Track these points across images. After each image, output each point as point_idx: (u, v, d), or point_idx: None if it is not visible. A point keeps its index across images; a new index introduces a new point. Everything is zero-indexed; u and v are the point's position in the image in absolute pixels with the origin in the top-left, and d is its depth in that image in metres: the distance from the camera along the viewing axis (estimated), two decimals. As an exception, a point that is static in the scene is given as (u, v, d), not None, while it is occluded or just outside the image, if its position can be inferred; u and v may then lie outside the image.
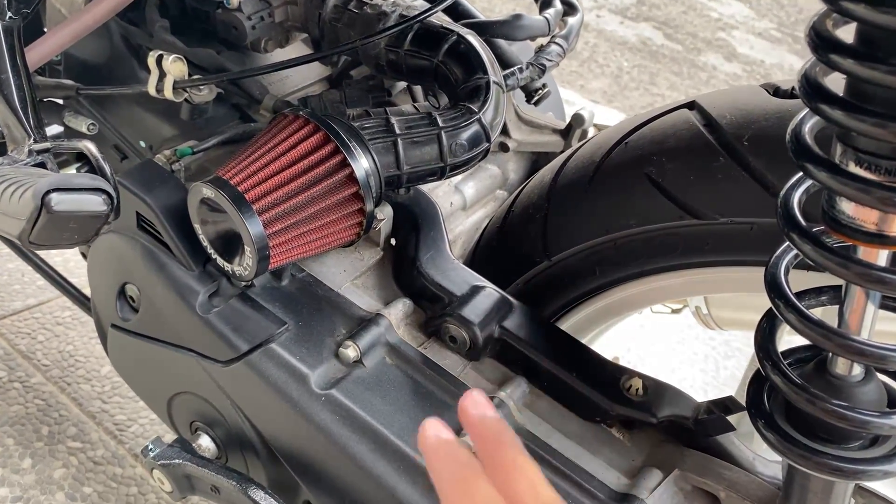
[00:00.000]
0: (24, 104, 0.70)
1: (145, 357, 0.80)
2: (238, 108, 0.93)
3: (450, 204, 1.01)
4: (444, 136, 0.76)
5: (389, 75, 0.89)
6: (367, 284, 0.79)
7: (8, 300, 1.45)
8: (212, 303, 0.74)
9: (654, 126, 0.71)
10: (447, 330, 0.72)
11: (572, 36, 0.99)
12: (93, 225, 0.57)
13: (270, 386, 0.70)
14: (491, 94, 0.79)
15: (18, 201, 0.55)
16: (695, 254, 0.68)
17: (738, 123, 0.65)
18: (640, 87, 3.49)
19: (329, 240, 0.73)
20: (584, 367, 0.70)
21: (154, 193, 0.74)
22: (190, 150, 0.81)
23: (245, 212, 0.67)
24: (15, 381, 1.29)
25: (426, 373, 0.71)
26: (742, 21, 4.59)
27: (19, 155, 0.68)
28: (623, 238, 0.71)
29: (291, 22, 0.92)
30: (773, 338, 0.56)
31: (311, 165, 0.70)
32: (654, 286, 0.74)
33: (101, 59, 0.98)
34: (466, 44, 0.82)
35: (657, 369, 1.86)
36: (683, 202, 0.66)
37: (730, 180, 0.63)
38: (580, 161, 0.75)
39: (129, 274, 0.78)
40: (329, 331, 0.73)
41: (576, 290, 0.77)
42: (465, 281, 0.75)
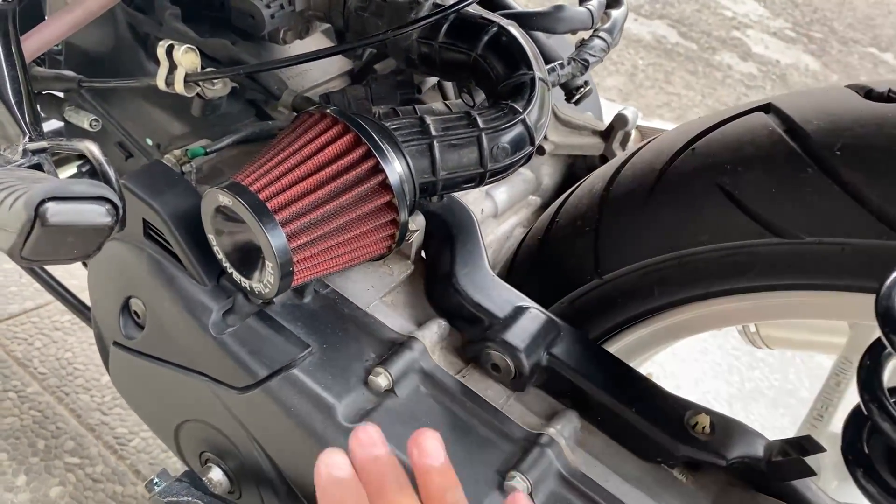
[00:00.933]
0: (19, 98, 0.62)
1: (151, 379, 0.72)
2: (254, 104, 0.86)
3: (480, 211, 0.93)
4: (484, 139, 0.68)
5: (421, 70, 0.82)
6: (398, 302, 0.71)
7: (4, 303, 1.37)
8: (226, 322, 0.66)
9: (726, 131, 0.63)
10: (489, 357, 0.65)
11: (616, 30, 0.92)
12: (95, 238, 0.50)
13: (292, 417, 0.62)
14: (536, 93, 0.71)
15: (9, 211, 0.48)
16: (772, 276, 0.60)
17: (828, 130, 0.57)
18: (656, 85, 3.41)
19: (358, 253, 0.66)
20: (644, 400, 0.62)
21: (163, 198, 0.66)
22: (202, 150, 0.73)
23: (267, 222, 0.59)
24: (10, 391, 1.22)
25: (465, 405, 0.63)
26: (756, 20, 4.51)
27: (13, 155, 0.60)
28: (689, 256, 0.63)
29: (313, 11, 0.84)
30: (881, 375, 0.49)
31: (341, 171, 0.62)
32: (719, 309, 0.66)
33: (106, 48, 0.90)
34: (509, 36, 0.74)
35: (680, 381, 1.79)
36: (764, 218, 0.58)
37: (820, 195, 0.56)
38: (638, 168, 0.68)
39: (134, 287, 0.71)
40: (357, 355, 0.65)
41: (629, 312, 0.70)
42: (507, 301, 0.68)
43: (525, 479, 0.58)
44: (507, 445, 0.61)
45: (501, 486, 0.59)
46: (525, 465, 0.59)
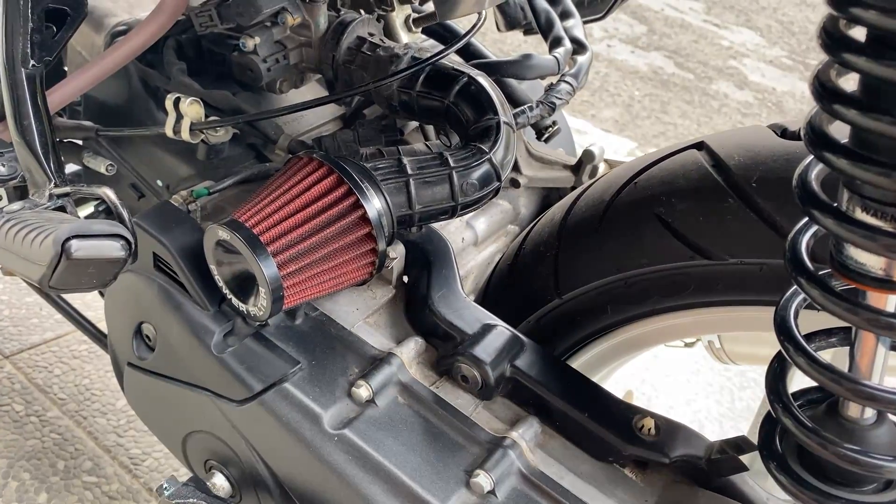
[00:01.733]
0: (46, 149, 0.71)
1: (161, 395, 0.81)
2: (253, 148, 0.95)
3: (461, 240, 1.02)
4: (455, 176, 0.77)
5: (402, 115, 0.91)
6: (380, 323, 0.80)
7: (26, 334, 1.46)
8: (227, 342, 0.75)
9: (664, 166, 0.71)
10: (459, 369, 0.73)
11: (582, 74, 1.01)
12: (111, 269, 0.59)
13: (284, 425, 0.70)
14: (501, 135, 0.80)
15: (39, 247, 0.57)
16: (706, 293, 0.68)
17: (747, 165, 0.65)
18: (652, 115, 3.51)
19: (342, 279, 0.74)
20: (597, 406, 0.70)
21: (170, 234, 0.75)
22: (206, 190, 0.82)
23: (260, 254, 0.68)
24: (31, 415, 1.30)
25: (438, 412, 0.71)
26: (753, 49, 4.61)
27: (40, 199, 0.70)
28: (634, 277, 0.71)
29: (306, 64, 0.94)
30: (784, 379, 0.57)
31: (325, 207, 0.71)
32: (666, 324, 0.74)
33: (120, 100, 1.00)
34: (477, 85, 0.83)
35: (672, 401, 1.85)
36: (694, 242, 0.66)
37: (739, 221, 0.64)
38: (590, 200, 0.76)
39: (145, 313, 0.79)
40: (342, 370, 0.73)
41: (587, 329, 0.78)
42: (476, 319, 0.76)
43: (489, 476, 0.66)
44: (474, 447, 0.69)
45: (468, 483, 0.66)
46: (489, 464, 0.66)
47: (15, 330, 1.46)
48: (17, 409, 1.31)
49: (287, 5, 0.89)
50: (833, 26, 0.42)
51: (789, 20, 5.20)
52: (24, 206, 0.68)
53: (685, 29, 4.58)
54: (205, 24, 0.91)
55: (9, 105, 0.72)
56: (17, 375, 1.37)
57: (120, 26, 1.02)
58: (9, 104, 0.72)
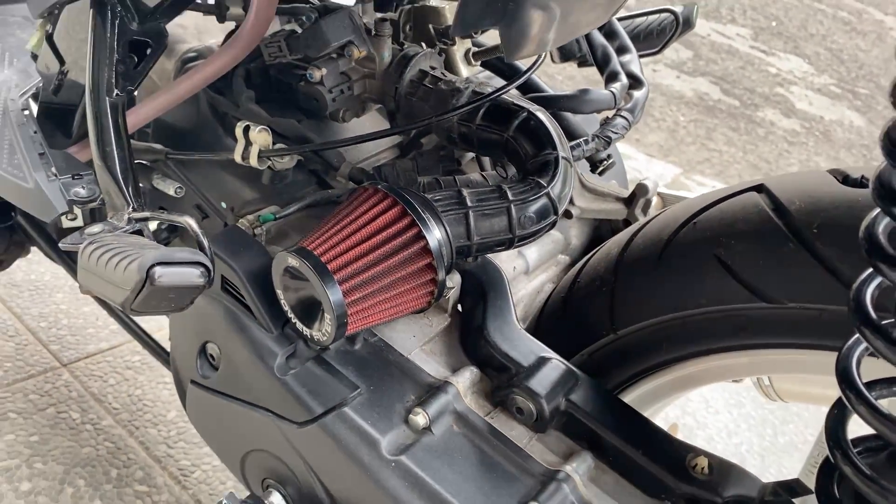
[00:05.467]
0: (126, 174, 0.75)
1: (222, 414, 0.83)
2: (315, 174, 0.98)
3: (513, 268, 1.03)
4: (513, 209, 0.79)
5: (460, 147, 0.93)
6: (436, 350, 0.81)
7: (83, 343, 1.51)
8: (289, 365, 0.77)
9: (723, 207, 0.72)
10: (514, 401, 0.74)
11: (638, 109, 1.02)
12: (189, 295, 0.61)
13: (342, 449, 0.72)
14: (560, 170, 0.82)
15: (123, 272, 0.60)
16: (763, 335, 0.69)
17: (808, 210, 0.66)
18: (697, 141, 3.49)
19: (402, 307, 0.76)
20: (650, 443, 0.71)
21: (239, 258, 0.78)
22: (272, 216, 0.85)
23: (327, 281, 0.70)
24: (87, 423, 1.34)
25: (493, 443, 0.72)
26: (800, 76, 4.57)
27: (118, 222, 0.73)
28: (691, 316, 0.72)
29: (368, 94, 0.97)
30: (844, 426, 0.57)
31: (389, 237, 0.73)
32: (720, 364, 0.75)
33: (188, 124, 1.04)
34: (536, 120, 0.85)
35: (713, 433, 1.83)
36: (753, 285, 0.67)
37: (799, 266, 0.65)
38: (648, 237, 0.77)
39: (210, 333, 0.82)
40: (399, 396, 0.75)
41: (641, 364, 0.78)
42: (531, 352, 0.77)
43: (543, 509, 0.67)
44: (528, 480, 0.70)
45: (522, 515, 0.67)
46: (543, 497, 0.68)
47: (73, 339, 1.51)
48: (74, 417, 1.35)
49: (354, 38, 0.92)
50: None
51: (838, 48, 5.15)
52: (104, 228, 0.72)
53: (732, 55, 4.56)
54: (274, 54, 0.94)
55: (93, 132, 0.76)
56: (75, 384, 1.41)
57: (190, 52, 1.07)
58: (93, 131, 0.76)
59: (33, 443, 1.28)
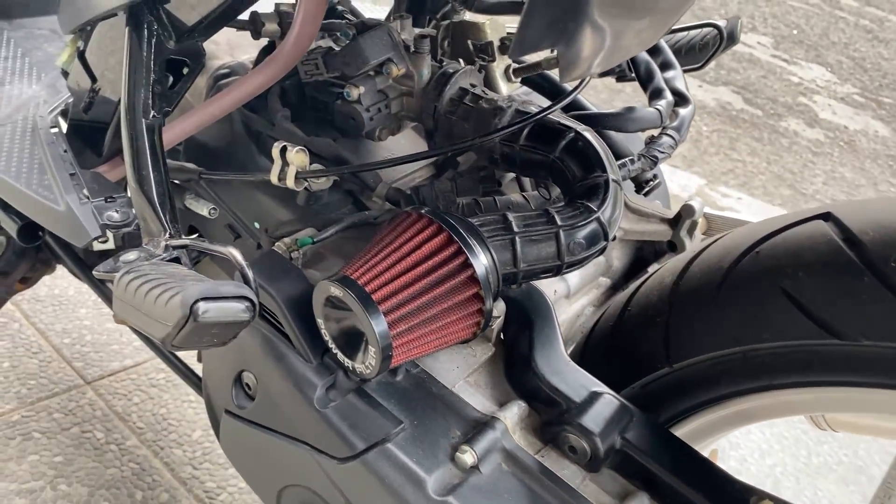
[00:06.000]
0: (163, 199, 0.72)
1: (258, 446, 0.80)
2: (351, 194, 0.95)
3: (553, 292, 1.00)
4: (562, 235, 0.76)
5: (502, 167, 0.90)
6: (480, 382, 0.78)
7: (107, 360, 1.49)
8: (329, 396, 0.74)
9: (787, 236, 0.69)
10: (566, 439, 0.71)
11: (684, 128, 0.99)
12: (234, 330, 0.59)
13: (387, 488, 0.69)
14: (610, 193, 0.78)
15: (165, 306, 0.57)
16: (831, 373, 0.65)
17: (884, 241, 0.62)
18: (720, 151, 3.45)
19: (448, 338, 0.73)
20: (710, 484, 0.67)
21: (278, 285, 0.75)
22: (310, 240, 0.82)
23: (372, 312, 0.67)
24: (111, 444, 1.32)
25: (544, 483, 0.69)
26: (823, 85, 4.51)
27: (155, 248, 0.70)
28: (754, 351, 0.68)
29: (406, 113, 0.94)
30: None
31: (435, 266, 0.70)
32: (782, 400, 0.71)
33: (221, 142, 1.01)
34: (584, 141, 0.82)
35: (746, 454, 1.79)
36: (823, 321, 0.63)
37: (876, 302, 0.61)
38: (706, 265, 0.74)
39: (247, 361, 0.79)
40: (444, 432, 0.72)
41: (696, 399, 0.75)
42: (582, 385, 0.74)
43: (599, 555, 0.63)
44: (582, 522, 0.66)
45: (577, 560, 0.64)
46: (599, 541, 0.64)
47: (97, 356, 1.49)
48: (98, 437, 1.32)
49: (393, 56, 0.89)
50: None
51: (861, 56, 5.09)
52: (139, 255, 0.69)
53: (753, 64, 4.51)
54: (310, 72, 0.92)
55: (129, 155, 0.73)
56: (99, 402, 1.39)
57: (223, 69, 1.04)
58: (129, 154, 0.73)
59: (57, 463, 1.26)
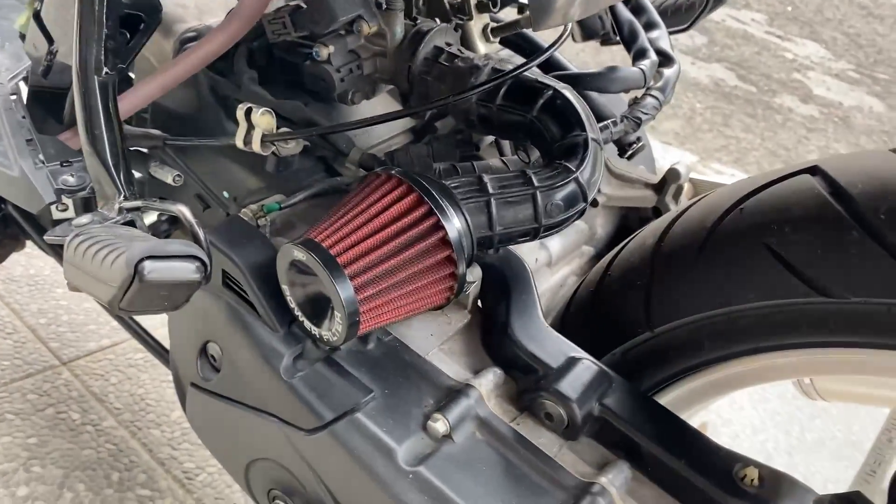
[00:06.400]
0: (117, 160, 0.69)
1: (225, 419, 0.77)
2: (323, 161, 0.91)
3: (535, 260, 0.97)
4: (539, 196, 0.72)
5: (479, 130, 0.86)
6: (455, 350, 0.75)
7: (84, 340, 1.46)
8: (296, 366, 0.71)
9: (773, 192, 0.65)
10: (542, 406, 0.68)
11: (669, 88, 0.95)
12: (184, 292, 0.55)
13: (355, 458, 0.66)
14: (589, 153, 0.75)
15: (111, 266, 0.53)
16: (821, 333, 0.62)
17: (873, 194, 0.59)
18: (714, 128, 3.41)
19: (419, 304, 0.70)
20: (694, 452, 0.64)
21: (242, 252, 0.72)
22: (277, 205, 0.79)
23: (337, 276, 0.64)
24: (87, 424, 1.29)
25: (520, 452, 0.66)
26: (818, 62, 4.47)
27: (109, 212, 0.67)
28: (738, 312, 0.65)
29: (380, 74, 0.90)
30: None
31: (405, 228, 0.67)
32: (768, 364, 0.68)
33: (188, 108, 0.97)
34: (563, 99, 0.78)
35: (738, 430, 1.77)
36: (811, 278, 0.60)
37: (865, 257, 0.58)
38: (688, 225, 0.70)
39: (211, 332, 0.76)
40: (416, 401, 0.69)
41: (679, 365, 0.72)
42: (560, 351, 0.71)
43: (577, 526, 0.60)
44: (559, 493, 0.63)
45: (554, 532, 0.61)
46: (577, 512, 0.61)
47: (73, 336, 1.46)
48: (74, 418, 1.29)
49: (363, 13, 0.85)
50: None
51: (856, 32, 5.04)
52: (93, 219, 0.66)
53: (747, 40, 4.46)
54: (277, 31, 0.88)
55: (81, 114, 0.69)
56: (75, 382, 1.36)
57: (189, 32, 1.00)
58: (81, 113, 0.69)
59: (31, 445, 1.23)
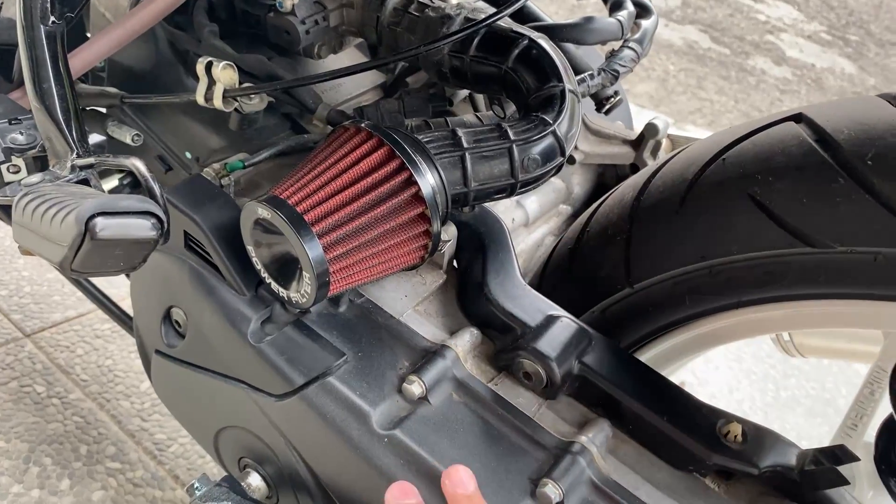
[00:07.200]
0: (68, 115, 0.64)
1: (192, 387, 0.74)
2: (289, 118, 0.88)
3: (512, 220, 0.94)
4: (515, 150, 0.69)
5: (452, 83, 0.83)
6: (430, 311, 0.73)
7: (48, 311, 1.41)
8: (264, 330, 0.68)
9: (757, 140, 0.63)
10: (521, 365, 0.66)
11: (647, 40, 0.92)
12: (140, 251, 0.52)
13: (328, 423, 0.64)
14: (566, 104, 0.72)
15: (60, 225, 0.50)
16: (805, 285, 0.60)
17: (859, 140, 0.57)
18: (688, 91, 3.39)
19: (392, 264, 0.67)
20: (676, 409, 0.63)
21: (203, 211, 0.68)
22: (241, 163, 0.75)
23: (304, 234, 0.61)
24: (53, 397, 1.25)
25: (498, 412, 0.64)
26: (790, 24, 4.46)
27: (61, 170, 0.63)
28: (721, 265, 0.63)
29: (347, 26, 0.86)
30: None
31: (375, 183, 0.64)
32: (752, 318, 0.67)
33: (147, 65, 0.93)
34: (539, 49, 0.75)
35: (714, 389, 1.77)
36: (795, 228, 0.58)
37: (850, 204, 0.56)
38: (669, 178, 0.68)
39: (175, 297, 0.73)
40: (391, 363, 0.66)
41: (661, 321, 0.70)
42: (538, 310, 0.68)
43: (557, 486, 0.59)
44: (539, 453, 0.62)
45: (534, 493, 0.59)
46: (557, 472, 0.59)
47: (36, 308, 1.41)
48: (39, 391, 1.25)
49: (328, -39, 0.81)
50: None
51: (828, -6, 5.03)
52: (43, 178, 0.62)
53: (720, 2, 4.43)
54: (238, -19, 0.83)
55: (27, 66, 0.65)
56: (39, 355, 1.32)
57: (146, -15, 0.95)
58: (27, 65, 0.65)
59: (-5, 420, 1.19)
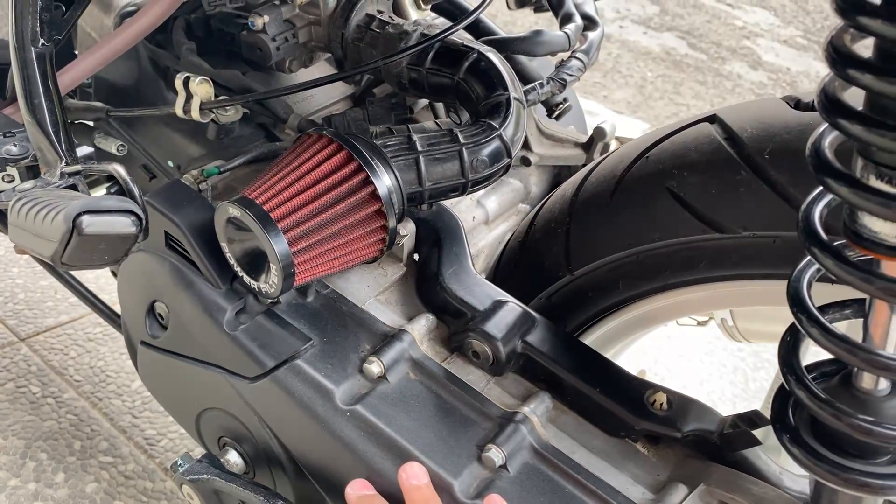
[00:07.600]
0: (57, 128, 0.72)
1: (174, 373, 0.81)
2: (263, 128, 0.95)
3: (472, 218, 1.01)
4: (465, 153, 0.77)
5: (411, 93, 0.90)
6: (391, 300, 0.80)
7: (41, 317, 1.48)
8: (238, 320, 0.75)
9: (676, 140, 0.71)
10: (470, 345, 0.73)
11: (593, 50, 1.00)
12: (122, 246, 0.59)
13: (296, 402, 0.71)
14: (511, 111, 0.80)
15: (51, 223, 0.57)
16: (718, 267, 0.68)
17: (760, 137, 0.64)
18: (665, 96, 3.48)
19: (352, 256, 0.74)
20: (608, 381, 0.70)
21: (182, 213, 0.75)
22: (217, 169, 0.82)
23: (270, 231, 0.68)
24: (48, 397, 1.32)
25: (449, 388, 0.71)
26: (767, 29, 4.55)
27: (51, 177, 0.70)
28: (645, 252, 0.71)
29: (315, 42, 0.94)
30: (797, 352, 0.56)
31: (335, 184, 0.71)
32: (678, 300, 0.74)
33: (130, 81, 1.00)
34: (486, 61, 0.82)
35: (685, 381, 1.84)
36: (706, 216, 0.66)
37: (752, 194, 0.63)
38: (601, 175, 0.76)
39: (157, 292, 0.80)
40: (353, 347, 0.73)
41: (599, 305, 0.77)
42: (487, 296, 0.76)
43: (500, 451, 0.66)
44: (485, 423, 0.69)
45: (480, 457, 0.66)
46: (501, 439, 0.67)
47: (31, 313, 1.47)
48: (34, 391, 1.32)
49: (295, -17, 0.88)
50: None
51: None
52: (35, 184, 0.69)
53: (698, 9, 4.53)
54: (213, 2, 0.90)
55: (19, 84, 0.72)
56: (34, 358, 1.38)
57: (129, 7, 1.02)
58: (19, 83, 0.72)
59: (-8, 419, 1.26)
